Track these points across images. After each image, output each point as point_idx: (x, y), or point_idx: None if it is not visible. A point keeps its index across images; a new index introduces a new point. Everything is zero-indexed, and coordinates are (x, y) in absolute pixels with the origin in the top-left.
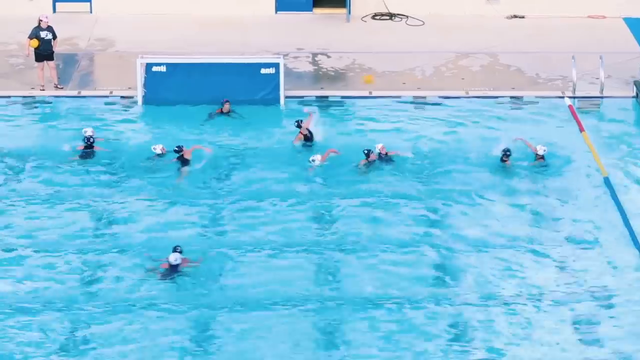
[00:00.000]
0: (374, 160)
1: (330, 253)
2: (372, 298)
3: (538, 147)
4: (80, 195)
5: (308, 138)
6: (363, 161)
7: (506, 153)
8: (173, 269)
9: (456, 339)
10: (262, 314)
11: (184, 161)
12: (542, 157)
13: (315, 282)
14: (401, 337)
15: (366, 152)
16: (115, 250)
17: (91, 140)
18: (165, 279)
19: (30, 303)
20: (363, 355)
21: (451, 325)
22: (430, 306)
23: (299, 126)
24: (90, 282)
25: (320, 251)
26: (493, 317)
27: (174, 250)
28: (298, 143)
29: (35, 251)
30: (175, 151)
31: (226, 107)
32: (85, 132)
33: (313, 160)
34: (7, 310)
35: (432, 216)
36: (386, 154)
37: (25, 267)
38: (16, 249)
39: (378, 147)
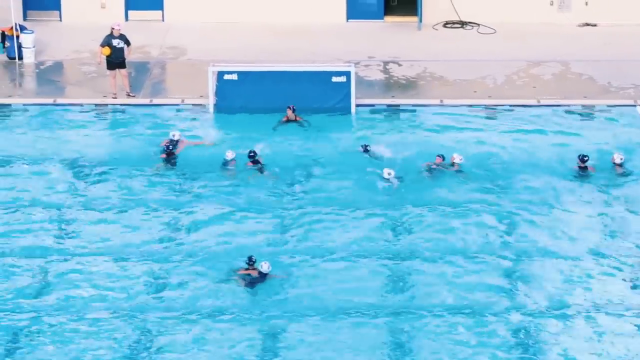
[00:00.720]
0: (439, 164)
1: (401, 261)
2: (444, 307)
3: (615, 156)
4: (152, 202)
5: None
6: (427, 163)
7: (583, 158)
8: (261, 277)
9: (528, 349)
10: (334, 322)
11: (258, 164)
12: (620, 165)
13: (386, 291)
14: (472, 347)
15: (438, 155)
16: (187, 257)
17: (170, 147)
18: (245, 287)
19: (101, 310)
20: None
21: (523, 335)
22: (502, 316)
23: (365, 150)
24: (161, 289)
25: (391, 259)
26: (564, 327)
27: (250, 260)
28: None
29: (107, 258)
30: (251, 156)
31: (289, 113)
32: (174, 135)
33: (389, 174)
34: (77, 317)
35: (504, 224)
36: (452, 163)
37: (97, 273)
38: (88, 256)
39: (453, 158)
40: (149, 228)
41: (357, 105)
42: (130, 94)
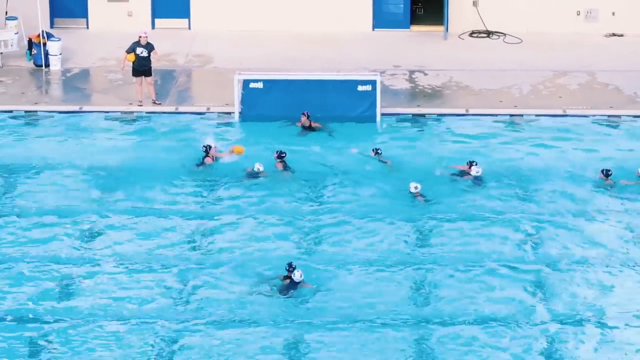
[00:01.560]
0: (463, 171)
1: (425, 270)
2: (466, 316)
3: None
4: (175, 210)
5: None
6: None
7: (607, 173)
8: (292, 285)
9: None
10: (356, 331)
11: (286, 165)
12: None
13: (408, 299)
14: (498, 357)
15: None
16: (211, 265)
17: (207, 149)
18: (273, 295)
19: (123, 318)
20: None
21: (545, 345)
22: (524, 325)
23: (376, 154)
24: (184, 297)
25: (414, 268)
26: (588, 337)
27: (290, 266)
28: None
29: (131, 265)
30: (282, 156)
31: (303, 119)
32: (215, 146)
33: (416, 187)
34: (99, 324)
35: (527, 234)
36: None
37: (120, 280)
38: (112, 264)
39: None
40: (172, 235)
41: (383, 114)
42: (156, 102)
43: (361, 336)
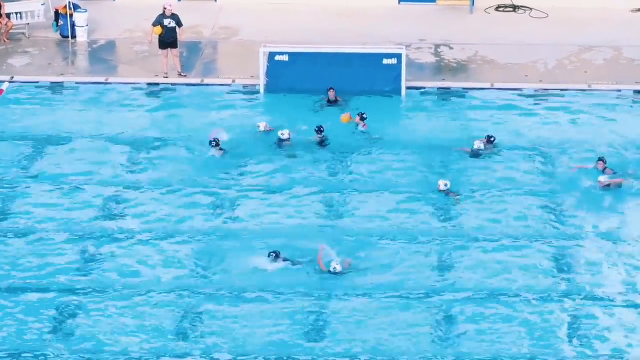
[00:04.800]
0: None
1: (450, 245)
2: (489, 291)
3: None
4: (201, 183)
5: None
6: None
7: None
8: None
9: (573, 335)
10: (380, 304)
11: (323, 141)
12: None
13: (432, 273)
14: (516, 331)
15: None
16: (231, 239)
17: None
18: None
19: (149, 289)
20: (476, 349)
21: (568, 322)
22: (546, 302)
23: (362, 119)
24: (206, 270)
25: (439, 243)
26: (614, 315)
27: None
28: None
29: (155, 238)
30: (321, 131)
31: (331, 94)
32: (283, 134)
33: (446, 185)
34: (127, 296)
35: (551, 210)
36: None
37: (145, 253)
38: (137, 235)
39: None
40: (198, 207)
41: (408, 88)
42: (182, 74)
43: (387, 309)
